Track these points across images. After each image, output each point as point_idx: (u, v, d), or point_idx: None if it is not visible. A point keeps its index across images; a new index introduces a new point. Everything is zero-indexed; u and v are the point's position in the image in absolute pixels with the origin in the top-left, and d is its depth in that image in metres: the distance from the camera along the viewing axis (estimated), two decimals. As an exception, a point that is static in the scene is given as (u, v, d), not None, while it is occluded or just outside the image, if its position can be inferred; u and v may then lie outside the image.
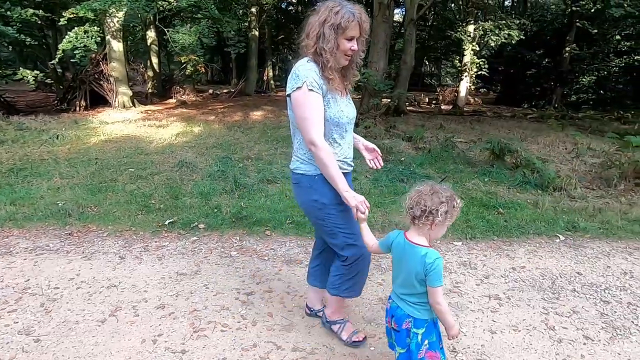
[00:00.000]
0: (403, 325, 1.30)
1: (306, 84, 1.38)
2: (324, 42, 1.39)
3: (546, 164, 5.39)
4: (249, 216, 3.03)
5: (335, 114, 1.45)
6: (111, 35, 9.63)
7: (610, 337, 1.80)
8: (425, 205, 1.22)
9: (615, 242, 2.87)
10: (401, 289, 1.31)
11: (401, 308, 1.31)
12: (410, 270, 1.26)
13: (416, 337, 1.29)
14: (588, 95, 15.67)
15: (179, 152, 5.43)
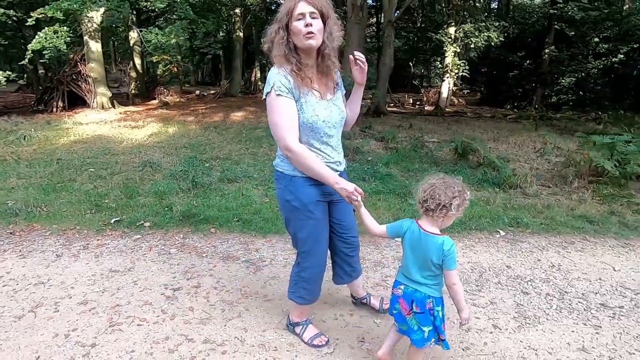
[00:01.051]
0: (427, 306, 1.37)
1: (274, 88, 1.36)
2: (275, 36, 1.38)
3: (509, 162, 5.50)
4: (197, 214, 3.06)
5: (308, 119, 1.41)
6: (89, 35, 9.58)
7: (518, 325, 1.86)
8: (440, 199, 1.28)
9: (553, 237, 2.96)
10: (421, 273, 1.37)
11: (420, 291, 1.37)
12: (427, 256, 1.34)
13: (439, 314, 1.39)
14: (568, 96, 15.95)
15: (147, 152, 5.44)
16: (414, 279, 1.39)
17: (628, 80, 15.06)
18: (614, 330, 1.85)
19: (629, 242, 2.94)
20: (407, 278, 1.42)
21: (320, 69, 1.45)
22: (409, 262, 1.40)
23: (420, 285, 1.39)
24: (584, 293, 2.18)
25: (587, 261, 2.58)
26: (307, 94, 1.41)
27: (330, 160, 1.51)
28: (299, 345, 1.66)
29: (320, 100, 1.44)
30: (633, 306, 2.07)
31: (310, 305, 1.71)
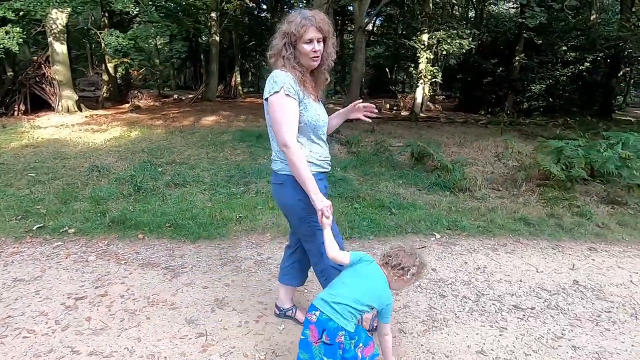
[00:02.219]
0: (337, 339, 1.31)
1: (283, 89, 1.44)
2: (285, 52, 1.48)
3: (466, 166, 5.58)
4: (129, 220, 2.96)
5: (312, 117, 1.52)
6: (53, 37, 9.33)
7: (424, 329, 1.85)
8: (401, 261, 1.39)
9: (487, 240, 2.99)
10: (352, 302, 1.34)
11: (334, 321, 1.31)
12: (368, 294, 1.36)
13: (350, 347, 1.33)
14: (538, 103, 16.43)
15: (100, 156, 5.29)
16: (340, 302, 1.34)
17: (595, 87, 15.62)
18: (517, 332, 1.86)
19: (560, 243, 3.00)
20: (326, 303, 1.35)
21: (314, 79, 1.58)
22: (344, 289, 1.37)
23: (337, 315, 1.33)
24: (500, 295, 2.20)
25: (513, 263, 2.61)
26: (308, 97, 1.52)
27: (327, 157, 1.62)
28: (190, 355, 1.60)
29: (315, 102, 1.56)
30: (545, 307, 2.09)
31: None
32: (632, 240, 3.13)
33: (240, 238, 2.81)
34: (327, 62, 1.57)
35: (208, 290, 2.10)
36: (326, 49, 1.53)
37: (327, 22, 1.50)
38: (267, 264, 2.44)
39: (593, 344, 1.80)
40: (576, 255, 2.80)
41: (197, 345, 1.67)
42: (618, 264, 2.68)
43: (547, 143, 5.40)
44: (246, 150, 6.17)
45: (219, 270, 2.33)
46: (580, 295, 2.23)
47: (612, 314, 2.06)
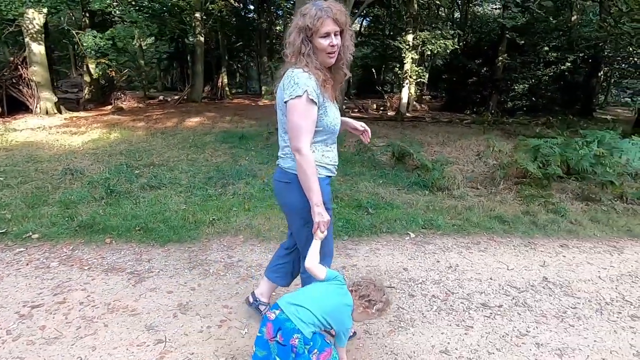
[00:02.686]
0: (290, 341, 1.28)
1: (307, 92, 1.37)
2: (304, 49, 1.39)
3: (447, 165, 5.62)
4: (97, 224, 2.89)
5: (331, 122, 1.47)
6: (30, 37, 9.09)
7: (390, 330, 1.83)
8: (370, 294, 1.39)
9: (461, 238, 3.00)
10: (315, 311, 1.33)
11: (292, 322, 1.29)
12: (331, 312, 1.35)
13: (303, 350, 1.29)
14: (522, 102, 16.69)
15: (76, 159, 5.16)
16: (303, 305, 1.33)
17: (576, 87, 15.94)
18: (483, 330, 1.86)
19: (533, 240, 3.02)
20: (289, 305, 1.34)
21: (332, 76, 1.49)
22: (313, 299, 1.37)
23: (296, 318, 1.32)
24: (469, 293, 2.19)
25: (485, 261, 2.61)
26: (328, 99, 1.46)
27: (336, 162, 1.58)
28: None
29: (332, 103, 1.50)
30: (512, 304, 2.10)
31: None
32: (603, 236, 3.18)
33: (212, 241, 2.76)
34: (345, 57, 1.47)
35: (172, 295, 2.05)
36: (344, 42, 1.44)
37: (344, 13, 1.41)
38: (236, 267, 2.40)
39: (556, 341, 1.80)
40: (548, 252, 2.82)
41: (154, 352, 1.62)
42: (588, 260, 2.71)
43: (526, 141, 5.47)
44: (228, 152, 6.10)
45: (186, 274, 2.28)
46: (548, 292, 2.25)
47: (578, 310, 2.07)
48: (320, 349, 1.33)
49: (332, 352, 1.36)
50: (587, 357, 1.70)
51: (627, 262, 2.68)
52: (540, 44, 15.30)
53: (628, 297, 2.22)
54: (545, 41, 15.34)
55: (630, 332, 1.90)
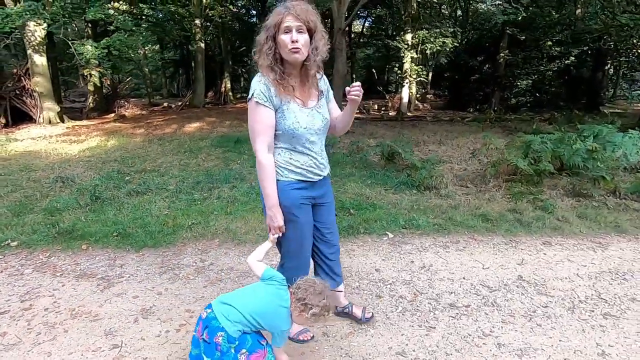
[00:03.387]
0: (215, 339, 1.30)
1: (253, 95, 1.41)
2: (265, 47, 1.41)
3: (440, 164, 5.56)
4: (77, 230, 2.93)
5: (289, 125, 1.45)
6: (32, 49, 9.31)
7: (349, 332, 1.81)
8: (306, 297, 1.34)
9: (441, 237, 2.95)
10: (243, 311, 1.32)
11: (217, 320, 1.30)
12: (262, 313, 1.33)
13: (229, 351, 1.30)
14: (526, 98, 16.46)
15: (69, 167, 5.25)
16: (231, 304, 1.34)
17: (581, 81, 15.65)
18: (445, 331, 1.82)
19: (515, 238, 2.96)
20: (220, 304, 1.35)
21: (303, 80, 1.49)
22: (245, 298, 1.37)
23: (222, 316, 1.32)
24: (439, 293, 2.16)
25: (461, 260, 2.57)
26: (288, 102, 1.44)
27: (314, 166, 1.55)
28: None
29: (303, 108, 1.48)
30: (481, 304, 2.06)
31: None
32: (589, 232, 3.10)
33: (188, 245, 2.77)
34: (315, 58, 1.45)
35: (138, 299, 2.06)
36: (313, 43, 1.44)
37: (311, 12, 1.42)
38: (207, 271, 2.40)
39: (520, 341, 1.76)
40: (529, 250, 2.76)
41: (109, 357, 1.63)
42: (569, 257, 2.64)
43: (522, 138, 5.38)
44: (221, 156, 6.15)
45: (156, 279, 2.29)
46: (521, 291, 2.19)
47: (549, 309, 2.02)
48: (250, 350, 1.31)
49: (266, 354, 1.34)
50: (548, 357, 1.65)
51: (609, 259, 2.61)
52: (542, 39, 15.08)
53: (604, 294, 2.16)
54: (548, 36, 15.11)
55: (600, 330, 1.84)
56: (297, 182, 1.52)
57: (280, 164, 1.51)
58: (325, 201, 1.67)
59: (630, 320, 1.92)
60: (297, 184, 1.52)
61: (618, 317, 1.95)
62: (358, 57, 24.66)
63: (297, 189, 1.52)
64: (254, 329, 1.34)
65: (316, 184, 1.59)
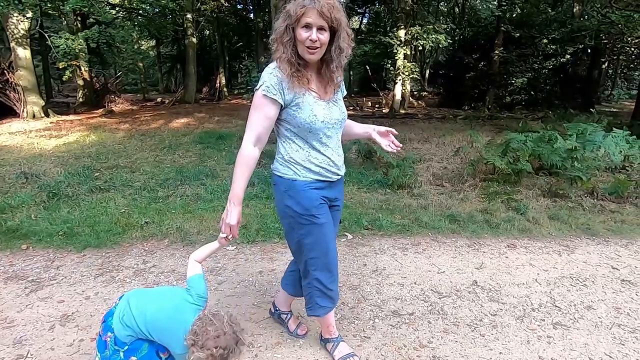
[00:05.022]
0: (104, 337, 1.23)
1: (262, 87, 1.32)
2: (285, 37, 1.30)
3: (420, 162, 5.44)
4: (21, 229, 2.80)
5: (306, 119, 1.35)
6: (16, 42, 9.15)
7: (276, 342, 1.69)
8: (197, 340, 1.15)
9: (402, 239, 2.83)
10: (138, 316, 1.21)
11: (112, 320, 1.23)
12: (157, 327, 1.22)
13: (117, 354, 1.21)
14: (521, 96, 16.33)
15: (39, 162, 5.12)
16: (132, 308, 1.24)
17: (578, 79, 15.50)
18: (380, 342, 1.70)
19: (479, 240, 2.85)
20: (124, 302, 1.28)
21: (322, 74, 1.39)
22: (147, 304, 1.26)
23: (117, 316, 1.25)
24: (384, 300, 2.04)
25: (416, 264, 2.45)
26: (303, 95, 1.35)
27: (331, 164, 1.43)
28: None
29: (319, 100, 1.38)
30: (427, 312, 1.94)
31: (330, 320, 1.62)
32: (559, 234, 2.98)
33: (134, 245, 2.65)
34: (337, 59, 1.35)
35: (62, 305, 1.95)
36: (335, 42, 1.32)
37: (337, 9, 1.29)
38: (147, 273, 2.28)
39: (457, 353, 1.64)
40: (491, 253, 2.64)
41: (9, 368, 1.51)
42: (531, 261, 2.53)
43: (508, 136, 5.25)
44: (199, 152, 6.02)
45: (89, 282, 2.17)
46: (472, 297, 2.08)
47: (497, 318, 1.90)
48: (141, 358, 1.20)
49: None
50: (483, 372, 1.54)
51: (572, 264, 2.49)
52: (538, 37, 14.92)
53: (559, 302, 2.04)
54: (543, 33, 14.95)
55: (546, 342, 1.72)
56: (315, 181, 1.41)
57: (299, 163, 1.40)
58: (338, 204, 1.56)
59: (580, 331, 1.80)
60: (316, 183, 1.41)
61: (569, 326, 1.84)
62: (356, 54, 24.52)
63: (315, 189, 1.41)
64: (144, 338, 1.22)
65: (333, 185, 1.48)
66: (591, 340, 1.73)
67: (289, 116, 1.37)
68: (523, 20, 15.31)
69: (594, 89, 15.57)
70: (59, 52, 6.96)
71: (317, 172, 1.41)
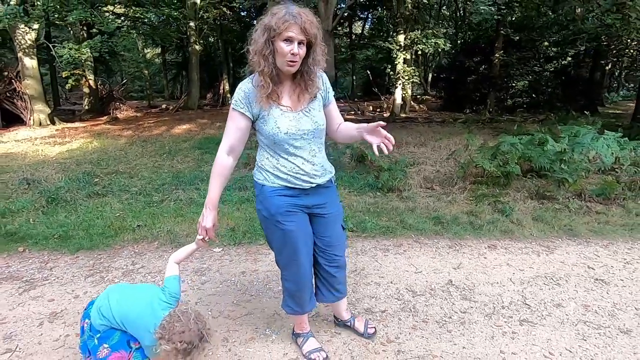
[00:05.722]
0: (82, 322, 1.37)
1: (232, 101, 1.44)
2: (266, 50, 1.34)
3: (412, 166, 5.51)
4: (19, 232, 2.93)
5: (269, 131, 1.42)
6: (23, 52, 9.42)
7: (250, 337, 1.78)
8: (164, 335, 1.24)
9: (385, 241, 2.91)
10: (114, 308, 1.32)
11: (90, 309, 1.37)
12: (130, 319, 1.32)
13: (92, 339, 1.32)
14: (522, 99, 16.31)
15: (41, 169, 5.29)
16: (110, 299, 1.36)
17: (580, 81, 15.45)
18: (348, 338, 1.78)
19: (461, 242, 2.91)
20: (107, 292, 1.40)
21: (297, 83, 1.44)
22: (125, 297, 1.38)
23: (95, 306, 1.37)
24: (359, 298, 2.12)
25: (395, 264, 2.52)
26: (271, 108, 1.41)
27: (300, 172, 1.46)
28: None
29: (287, 112, 1.42)
30: (398, 310, 2.01)
31: (302, 316, 1.68)
32: (541, 235, 3.03)
33: (125, 247, 2.77)
34: (313, 68, 1.40)
35: (52, 303, 2.05)
36: (312, 55, 1.37)
37: (315, 25, 1.35)
38: (135, 274, 2.39)
39: (421, 348, 1.71)
40: (470, 253, 2.71)
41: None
42: (508, 261, 2.58)
43: (502, 139, 5.30)
44: (197, 158, 6.15)
45: (79, 282, 2.28)
46: (445, 296, 2.14)
47: (467, 315, 1.97)
48: (113, 347, 1.30)
49: (130, 358, 1.31)
50: (444, 365, 1.61)
51: (549, 264, 2.55)
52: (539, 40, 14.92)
53: (530, 300, 2.10)
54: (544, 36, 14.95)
55: (509, 337, 1.78)
56: (283, 188, 1.47)
57: (268, 169, 1.47)
58: (324, 212, 1.57)
59: (545, 327, 1.86)
60: (284, 190, 1.47)
61: (535, 323, 1.90)
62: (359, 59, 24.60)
63: (283, 196, 1.47)
64: (118, 328, 1.32)
65: (309, 192, 1.50)
66: (554, 336, 1.79)
67: (258, 127, 1.46)
68: (523, 23, 15.32)
69: (596, 91, 15.49)
70: (62, 61, 7.17)
71: (285, 179, 1.46)
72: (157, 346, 1.25)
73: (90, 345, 1.33)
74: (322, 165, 1.53)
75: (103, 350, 1.29)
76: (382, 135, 1.40)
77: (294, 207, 1.49)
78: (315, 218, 1.58)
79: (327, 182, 1.57)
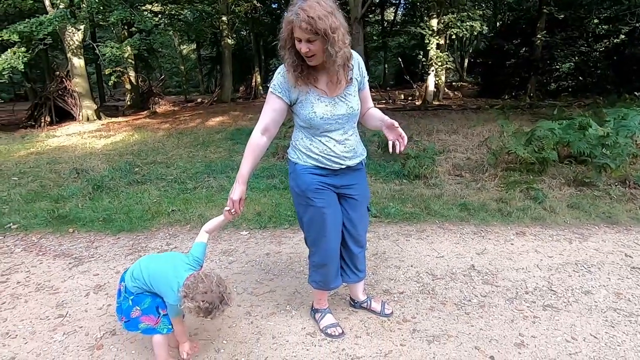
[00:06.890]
0: (119, 285, 1.55)
1: (271, 85, 1.51)
2: (288, 44, 1.40)
3: (442, 153, 5.39)
4: (70, 215, 3.23)
5: (306, 115, 1.49)
6: (71, 52, 10.14)
7: (271, 312, 1.87)
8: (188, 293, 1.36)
9: (408, 226, 2.90)
10: (144, 271, 1.48)
11: (125, 273, 1.55)
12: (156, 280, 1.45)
13: (127, 300, 1.51)
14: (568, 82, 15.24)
15: (89, 159, 5.72)
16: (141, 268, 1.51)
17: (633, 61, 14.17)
18: (364, 315, 1.82)
19: (487, 228, 2.84)
20: (142, 259, 1.57)
21: (330, 71, 1.46)
22: (154, 263, 1.52)
23: (130, 270, 1.54)
24: (378, 280, 2.15)
25: (417, 249, 2.52)
26: (308, 92, 1.48)
27: (331, 154, 1.53)
28: (40, 333, 1.76)
29: (323, 97, 1.48)
30: (417, 292, 2.03)
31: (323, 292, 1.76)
32: (575, 223, 2.90)
33: (161, 230, 2.97)
34: (336, 60, 1.38)
35: (97, 277, 2.27)
36: (332, 47, 1.35)
37: (320, 18, 1.30)
38: (169, 253, 2.57)
39: (437, 327, 1.72)
40: (496, 240, 2.65)
41: (51, 324, 1.83)
42: (537, 248, 2.50)
43: (538, 125, 5.06)
44: (229, 148, 6.37)
45: (120, 259, 2.49)
46: (466, 280, 2.13)
47: (487, 299, 1.95)
48: (144, 311, 1.45)
49: (158, 322, 1.45)
50: (459, 344, 1.62)
51: (581, 251, 2.44)
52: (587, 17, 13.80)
53: (556, 287, 2.04)
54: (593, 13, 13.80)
55: (530, 321, 1.75)
56: (314, 167, 1.54)
57: (301, 149, 1.56)
58: (352, 193, 1.62)
59: (571, 313, 1.81)
60: (314, 169, 1.54)
61: (560, 309, 1.84)
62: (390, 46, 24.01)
63: (313, 174, 1.54)
64: (147, 289, 1.45)
65: (339, 173, 1.57)
66: (579, 322, 1.74)
67: (296, 111, 1.53)
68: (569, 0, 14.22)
69: (655, 71, 14.11)
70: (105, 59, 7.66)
71: (316, 159, 1.53)
72: (181, 303, 1.38)
73: (124, 306, 1.49)
74: (354, 147, 1.58)
75: (135, 312, 1.45)
76: (397, 132, 1.45)
77: (324, 185, 1.56)
78: (343, 198, 1.64)
79: (357, 165, 1.61)
